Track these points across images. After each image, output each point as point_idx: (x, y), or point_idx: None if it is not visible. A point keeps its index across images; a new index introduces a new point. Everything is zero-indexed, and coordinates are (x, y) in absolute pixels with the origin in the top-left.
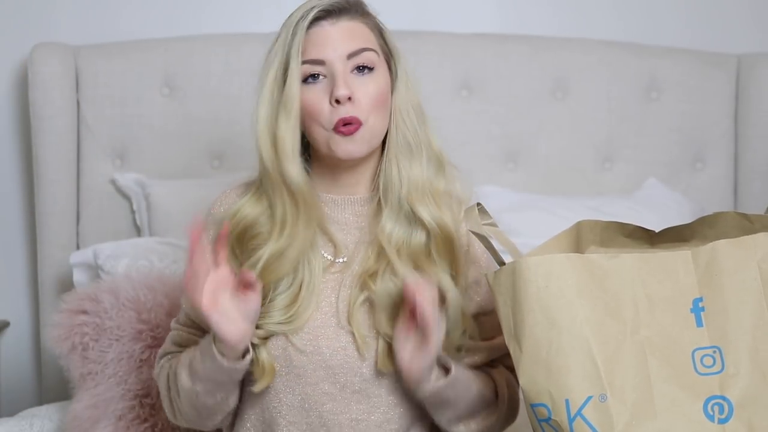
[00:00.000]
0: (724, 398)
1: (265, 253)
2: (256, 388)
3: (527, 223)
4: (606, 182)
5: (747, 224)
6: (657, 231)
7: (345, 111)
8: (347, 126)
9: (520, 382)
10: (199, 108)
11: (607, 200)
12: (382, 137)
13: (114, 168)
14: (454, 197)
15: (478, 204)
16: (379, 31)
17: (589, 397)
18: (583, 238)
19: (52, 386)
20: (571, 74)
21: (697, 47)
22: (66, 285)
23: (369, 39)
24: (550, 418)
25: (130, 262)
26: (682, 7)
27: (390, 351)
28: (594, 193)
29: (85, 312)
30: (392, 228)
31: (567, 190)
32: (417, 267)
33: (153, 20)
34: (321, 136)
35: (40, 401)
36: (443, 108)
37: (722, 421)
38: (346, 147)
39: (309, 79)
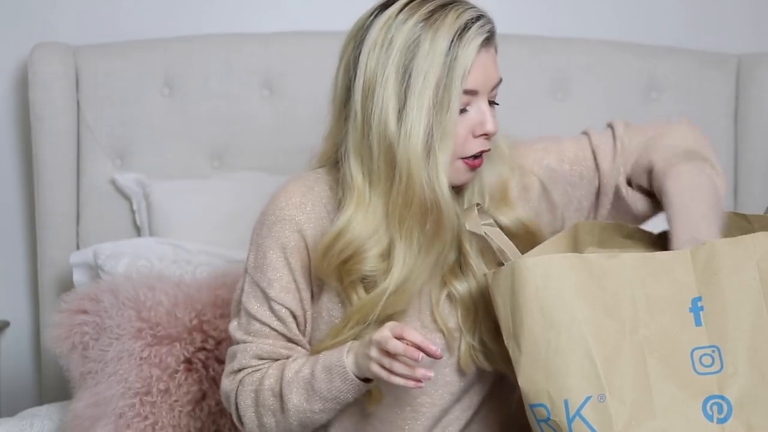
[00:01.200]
0: (723, 398)
1: (390, 284)
2: (371, 406)
3: None
4: None
5: (746, 224)
6: (656, 232)
7: (482, 144)
8: (475, 159)
9: (519, 383)
10: (199, 108)
11: None
12: None
13: (114, 168)
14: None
15: (478, 204)
16: None
17: (588, 397)
18: (580, 239)
19: (52, 386)
20: (571, 74)
21: (697, 47)
22: (66, 285)
23: None
24: (549, 419)
25: (130, 262)
26: (682, 7)
27: (472, 350)
28: None
29: (85, 312)
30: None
31: None
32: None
33: (153, 20)
34: (448, 164)
35: (40, 401)
36: None
37: (721, 421)
38: (468, 177)
39: (461, 111)
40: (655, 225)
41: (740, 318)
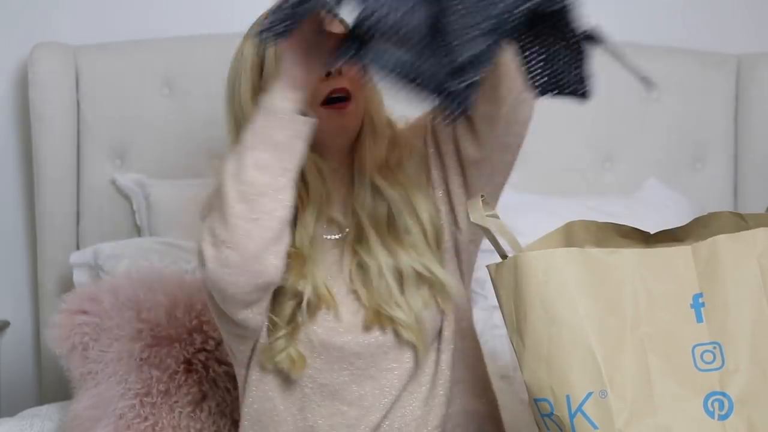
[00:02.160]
0: (724, 394)
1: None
2: (294, 373)
3: (527, 223)
4: (606, 182)
5: (742, 223)
6: (652, 232)
7: (337, 81)
8: (339, 102)
9: (524, 377)
10: (199, 108)
11: (607, 200)
12: (359, 126)
13: (114, 168)
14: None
15: (482, 195)
16: None
17: (590, 393)
18: (575, 238)
19: (52, 386)
20: None
21: (697, 47)
22: (66, 285)
23: None
24: (552, 413)
25: (130, 262)
26: (682, 7)
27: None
28: (594, 193)
29: (85, 312)
30: (363, 198)
31: (567, 190)
32: (391, 237)
33: (153, 20)
34: (318, 114)
35: (40, 401)
36: None
37: (722, 418)
38: (339, 122)
39: None
40: (655, 225)
41: (741, 314)
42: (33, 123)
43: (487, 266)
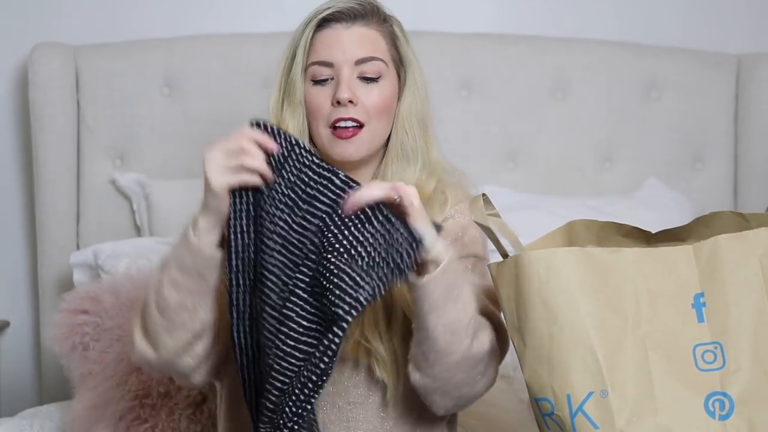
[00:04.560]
0: (725, 394)
1: None
2: None
3: (527, 223)
4: (606, 182)
5: (743, 223)
6: (653, 232)
7: (345, 112)
8: (343, 130)
9: (525, 377)
10: (199, 108)
11: (607, 200)
12: (383, 141)
13: (114, 168)
14: (453, 196)
15: (483, 194)
16: (393, 40)
17: (591, 393)
18: (577, 237)
19: (52, 386)
20: (570, 74)
21: (697, 47)
22: (66, 285)
23: (379, 48)
24: (553, 413)
25: (130, 262)
26: (682, 7)
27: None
28: (594, 193)
29: (85, 312)
30: None
31: (567, 190)
32: None
33: (153, 20)
34: (322, 135)
35: (40, 401)
36: (443, 108)
37: (723, 418)
38: (343, 150)
39: (319, 83)
40: (655, 225)
41: (743, 314)
42: (33, 123)
43: (488, 265)
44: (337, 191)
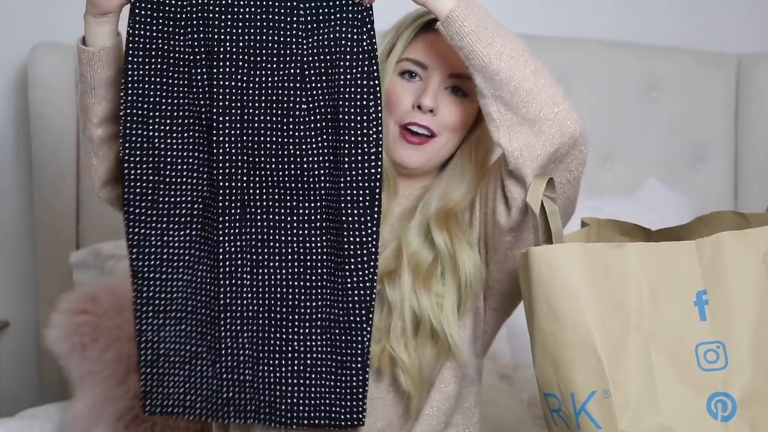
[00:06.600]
0: (727, 395)
1: None
2: None
3: None
4: (606, 182)
5: (744, 223)
6: (654, 230)
7: (422, 118)
8: (415, 135)
9: (534, 371)
10: None
11: (607, 200)
12: (446, 158)
13: None
14: None
15: (551, 178)
16: None
17: (593, 393)
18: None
19: (52, 386)
20: (571, 74)
21: (697, 47)
22: (66, 285)
23: None
24: (560, 409)
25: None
26: (682, 6)
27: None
28: (594, 193)
29: (85, 312)
30: (413, 237)
31: None
32: (424, 280)
33: None
34: (390, 130)
35: (40, 401)
36: None
37: (725, 419)
38: (407, 155)
39: (406, 74)
40: (655, 225)
41: (746, 313)
42: (33, 123)
43: (516, 253)
44: None
